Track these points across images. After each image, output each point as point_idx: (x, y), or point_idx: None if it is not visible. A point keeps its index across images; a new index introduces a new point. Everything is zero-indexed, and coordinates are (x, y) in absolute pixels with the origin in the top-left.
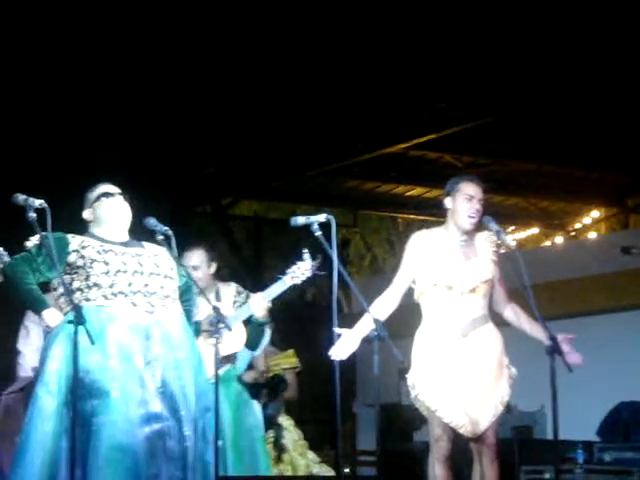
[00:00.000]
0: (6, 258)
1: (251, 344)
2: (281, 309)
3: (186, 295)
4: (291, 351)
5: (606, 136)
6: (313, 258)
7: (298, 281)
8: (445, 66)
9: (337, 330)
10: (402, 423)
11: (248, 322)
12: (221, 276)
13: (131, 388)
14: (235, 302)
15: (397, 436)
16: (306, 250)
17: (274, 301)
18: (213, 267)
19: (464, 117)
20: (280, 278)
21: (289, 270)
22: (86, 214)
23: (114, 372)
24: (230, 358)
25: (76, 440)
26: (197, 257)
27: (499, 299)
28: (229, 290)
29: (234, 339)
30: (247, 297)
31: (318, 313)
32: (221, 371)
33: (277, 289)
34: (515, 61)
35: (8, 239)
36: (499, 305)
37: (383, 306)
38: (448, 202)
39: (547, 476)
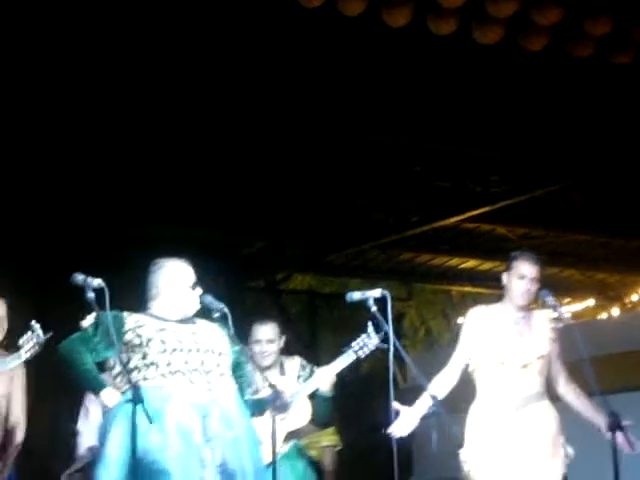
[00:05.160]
0: (39, 332)
1: (317, 419)
2: (336, 384)
3: (239, 371)
4: (331, 429)
5: None
6: (377, 331)
7: (362, 354)
8: (499, 140)
9: (396, 405)
10: None
11: (313, 396)
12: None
13: (192, 467)
14: (300, 376)
15: None
16: (370, 323)
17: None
18: (282, 341)
19: (517, 190)
20: (345, 351)
21: (354, 343)
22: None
23: (174, 451)
24: (295, 433)
25: None
26: (272, 330)
27: (559, 378)
28: (293, 364)
29: (299, 414)
30: (311, 371)
31: (373, 388)
32: (287, 447)
33: (342, 363)
34: (567, 135)
35: (62, 318)
36: (558, 384)
37: (442, 384)
38: (505, 278)
39: None
